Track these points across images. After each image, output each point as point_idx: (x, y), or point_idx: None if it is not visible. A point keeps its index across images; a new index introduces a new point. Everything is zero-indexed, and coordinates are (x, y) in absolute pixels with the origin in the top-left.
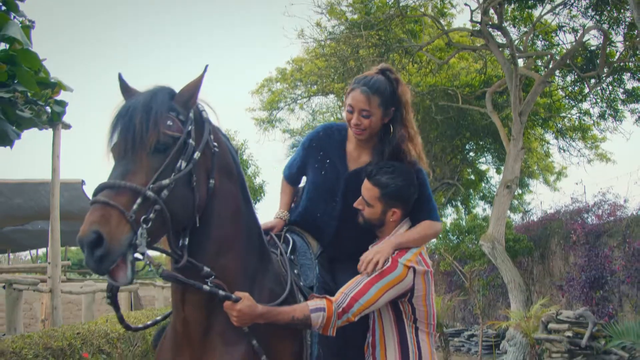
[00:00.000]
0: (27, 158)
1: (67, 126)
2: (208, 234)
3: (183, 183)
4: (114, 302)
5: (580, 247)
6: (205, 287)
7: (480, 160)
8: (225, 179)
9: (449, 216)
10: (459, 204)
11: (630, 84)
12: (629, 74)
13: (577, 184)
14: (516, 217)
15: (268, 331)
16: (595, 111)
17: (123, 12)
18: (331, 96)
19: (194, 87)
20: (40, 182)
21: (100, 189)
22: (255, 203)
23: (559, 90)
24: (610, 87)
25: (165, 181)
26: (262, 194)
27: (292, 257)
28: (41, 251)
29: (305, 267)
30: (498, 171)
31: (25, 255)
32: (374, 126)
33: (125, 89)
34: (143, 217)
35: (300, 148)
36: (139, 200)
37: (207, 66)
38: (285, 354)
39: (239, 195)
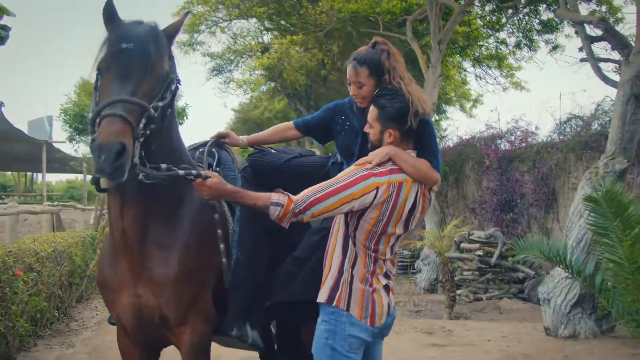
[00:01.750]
0: None
1: None
2: (164, 149)
3: (162, 109)
4: (99, 188)
5: (492, 172)
6: (180, 171)
7: None
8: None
9: None
10: None
11: (545, 15)
12: (544, 5)
13: (492, 111)
14: None
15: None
16: (512, 41)
17: None
18: (253, 20)
19: (177, 29)
20: None
21: (115, 102)
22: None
23: (478, 19)
24: (526, 18)
25: (160, 103)
26: (185, 117)
27: (217, 169)
28: None
29: (228, 178)
30: None
31: None
32: (370, 94)
33: (110, 15)
34: (142, 133)
35: (321, 110)
36: (143, 120)
37: (187, 12)
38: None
39: (174, 123)
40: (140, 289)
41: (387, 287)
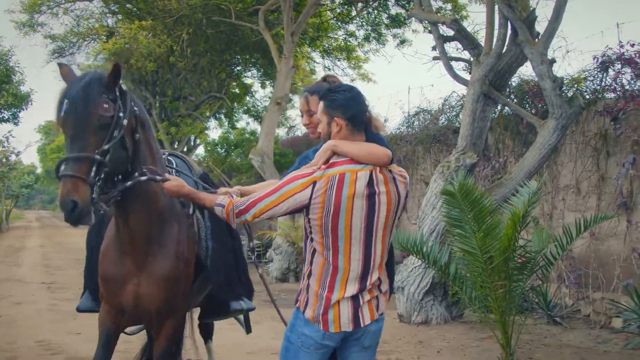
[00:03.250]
0: None
1: None
2: (150, 156)
3: (119, 145)
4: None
5: None
6: (143, 177)
7: (246, 74)
8: (143, 129)
9: (214, 129)
10: (222, 117)
11: (394, 10)
12: (393, 0)
13: None
14: (281, 132)
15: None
16: (361, 34)
17: None
18: (96, 2)
19: (118, 72)
20: None
21: (66, 160)
22: (20, 111)
23: (328, 11)
24: (375, 12)
25: (105, 147)
26: (30, 103)
27: (177, 174)
28: None
29: (187, 181)
30: (262, 85)
31: None
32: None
33: (64, 75)
34: (97, 178)
35: (296, 162)
36: (94, 168)
37: (121, 65)
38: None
39: (151, 136)
40: (143, 280)
41: (355, 297)
